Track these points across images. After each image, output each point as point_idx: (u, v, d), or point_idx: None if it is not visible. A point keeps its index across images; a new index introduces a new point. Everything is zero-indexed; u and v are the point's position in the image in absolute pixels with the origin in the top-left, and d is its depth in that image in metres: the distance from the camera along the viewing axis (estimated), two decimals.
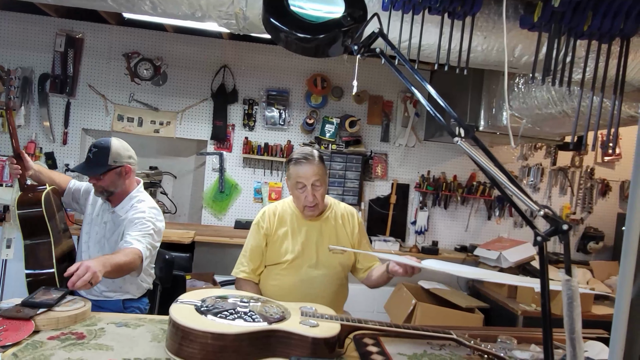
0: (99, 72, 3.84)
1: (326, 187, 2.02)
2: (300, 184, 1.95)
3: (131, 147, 2.19)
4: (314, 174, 1.93)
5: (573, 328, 0.80)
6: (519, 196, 0.85)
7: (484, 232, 4.36)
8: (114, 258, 1.73)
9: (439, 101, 0.99)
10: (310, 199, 1.95)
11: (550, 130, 2.98)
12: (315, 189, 1.95)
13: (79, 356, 1.28)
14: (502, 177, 0.87)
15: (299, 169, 1.95)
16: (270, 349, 1.38)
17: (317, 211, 2.01)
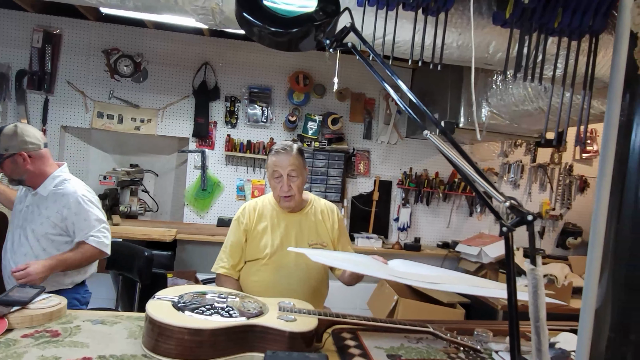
0: (78, 69, 3.78)
1: (303, 180, 2.03)
2: (276, 173, 1.98)
3: (36, 132, 2.07)
4: (290, 164, 1.96)
5: (538, 316, 0.82)
6: (487, 188, 0.87)
7: (465, 229, 4.42)
8: (65, 259, 1.93)
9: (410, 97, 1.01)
10: (285, 189, 1.97)
11: (528, 127, 3.03)
12: (291, 179, 1.97)
13: (52, 354, 1.26)
14: (471, 170, 0.89)
15: (276, 158, 1.99)
16: (248, 343, 1.38)
17: (293, 202, 2.02)
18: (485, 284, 1.70)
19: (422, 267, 1.89)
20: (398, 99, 1.03)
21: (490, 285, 1.70)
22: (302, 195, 2.07)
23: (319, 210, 2.13)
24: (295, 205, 2.05)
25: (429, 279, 1.59)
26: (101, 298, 3.79)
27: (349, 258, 1.79)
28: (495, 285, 1.71)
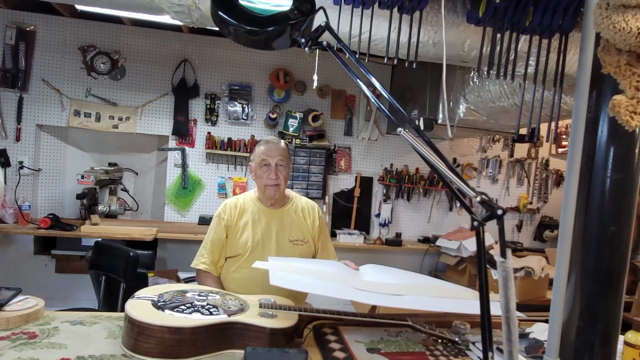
0: (53, 66, 3.71)
1: (288, 172, 2.07)
2: (265, 162, 2.01)
3: None
4: (279, 153, 2.01)
5: (508, 307, 0.85)
6: (459, 184, 0.90)
7: (445, 223, 4.48)
8: None
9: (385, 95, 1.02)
10: (272, 177, 1.99)
11: (505, 123, 3.09)
12: (278, 168, 2.00)
13: (30, 356, 1.25)
14: (443, 166, 0.91)
15: (265, 147, 2.03)
16: (228, 341, 1.39)
17: (278, 192, 2.04)
18: (460, 293, 1.70)
19: (394, 274, 1.89)
20: (372, 96, 1.05)
21: (464, 294, 1.70)
22: (285, 187, 2.10)
23: (300, 207, 2.14)
24: (279, 197, 2.07)
25: (396, 290, 1.60)
26: (82, 299, 3.75)
27: (318, 270, 1.74)
28: (470, 294, 1.72)
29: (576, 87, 1.09)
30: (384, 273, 1.89)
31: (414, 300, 1.50)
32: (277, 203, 2.09)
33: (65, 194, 4.00)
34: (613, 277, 1.20)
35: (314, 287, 1.49)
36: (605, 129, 1.17)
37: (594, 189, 1.19)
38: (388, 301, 1.45)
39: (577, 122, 1.11)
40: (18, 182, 3.63)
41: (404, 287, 1.65)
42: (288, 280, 1.49)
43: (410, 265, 4.22)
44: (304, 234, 2.10)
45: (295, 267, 1.67)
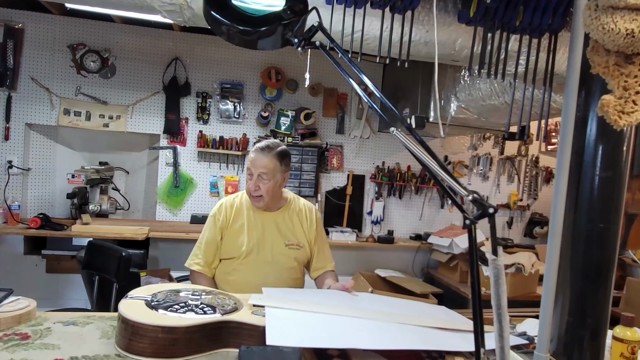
0: (42, 65, 3.67)
1: (276, 183, 1.99)
2: (249, 170, 1.99)
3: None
4: (263, 165, 1.94)
5: (499, 303, 0.86)
6: (451, 183, 0.91)
7: (437, 221, 4.51)
8: None
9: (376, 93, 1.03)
10: (252, 188, 1.97)
11: (496, 121, 3.12)
12: (260, 179, 1.96)
13: (22, 357, 1.24)
14: (436, 165, 0.92)
15: (253, 156, 1.99)
16: (222, 339, 1.39)
17: (262, 203, 2.01)
18: (457, 324, 1.64)
19: (390, 302, 1.80)
20: (364, 95, 1.06)
21: (458, 324, 1.67)
22: (274, 197, 2.03)
23: (297, 209, 2.12)
24: (265, 206, 2.03)
25: (397, 319, 1.53)
26: (73, 299, 3.72)
27: (314, 302, 1.63)
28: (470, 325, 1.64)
29: (566, 87, 1.11)
30: (381, 302, 1.85)
31: (419, 339, 1.43)
32: (273, 206, 2.06)
33: (55, 194, 3.96)
34: (602, 273, 1.22)
35: (319, 341, 1.31)
36: (594, 127, 1.19)
37: (583, 186, 1.21)
38: (393, 344, 1.37)
39: (566, 121, 1.13)
40: (7, 182, 3.59)
41: (404, 317, 1.61)
42: (288, 336, 1.30)
43: (403, 262, 4.25)
44: (300, 238, 2.08)
45: (291, 302, 1.57)
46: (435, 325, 1.56)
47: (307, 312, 1.50)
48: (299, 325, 1.39)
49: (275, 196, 2.04)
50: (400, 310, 1.71)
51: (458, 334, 1.54)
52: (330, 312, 1.54)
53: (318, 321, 1.45)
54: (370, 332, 1.43)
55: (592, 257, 1.22)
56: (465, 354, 1.42)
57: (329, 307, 1.61)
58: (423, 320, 1.58)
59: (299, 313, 1.48)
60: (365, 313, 1.57)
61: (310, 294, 1.85)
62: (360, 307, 1.68)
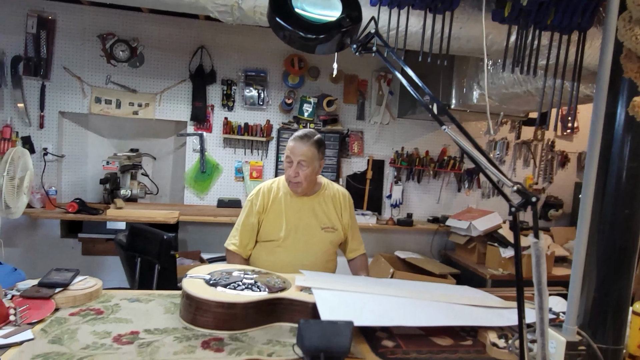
0: (73, 54, 3.80)
1: (314, 170, 2.11)
2: (288, 158, 2.10)
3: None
4: (302, 153, 2.06)
5: (540, 280, 0.99)
6: (497, 175, 1.02)
7: (454, 204, 4.62)
8: None
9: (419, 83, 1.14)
10: (292, 174, 2.08)
11: (516, 108, 3.20)
12: (300, 167, 2.07)
13: (103, 329, 1.40)
14: (483, 159, 1.04)
15: (293, 144, 2.09)
16: (275, 314, 1.54)
17: (301, 189, 2.12)
18: (487, 302, 1.73)
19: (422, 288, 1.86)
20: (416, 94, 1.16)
21: (487, 302, 1.74)
22: (311, 183, 2.14)
23: (331, 194, 2.23)
24: (303, 191, 2.15)
25: (430, 297, 1.65)
26: (107, 279, 3.90)
27: (355, 284, 1.74)
28: (497, 302, 1.75)
29: (597, 86, 1.21)
30: (412, 285, 1.95)
31: (455, 316, 1.53)
32: (309, 191, 2.17)
33: (87, 179, 4.13)
34: (626, 255, 1.34)
35: (366, 319, 1.41)
36: (621, 122, 1.29)
37: (611, 176, 1.32)
38: (433, 321, 1.47)
39: (596, 117, 1.24)
40: (44, 169, 3.75)
41: (439, 296, 1.71)
42: (338, 313, 1.41)
43: (421, 244, 4.38)
44: (334, 221, 2.19)
45: (334, 284, 1.66)
46: (468, 303, 1.69)
47: (351, 293, 1.63)
48: (345, 305, 1.53)
49: (312, 182, 2.16)
50: (432, 291, 1.84)
51: (489, 310, 1.67)
52: (372, 292, 1.68)
53: (362, 301, 1.58)
54: (411, 310, 1.56)
55: (617, 240, 1.34)
56: (496, 329, 1.55)
57: (369, 288, 1.75)
58: (456, 299, 1.72)
59: (344, 293, 1.61)
60: (404, 293, 1.71)
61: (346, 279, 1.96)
62: (395, 288, 1.82)
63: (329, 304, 1.47)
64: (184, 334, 1.40)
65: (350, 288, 1.68)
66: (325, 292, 1.58)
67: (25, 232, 3.76)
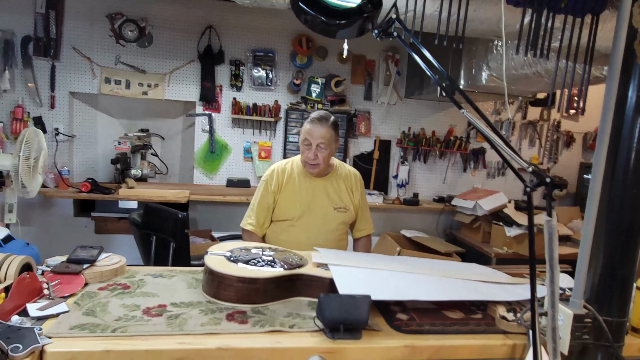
0: (82, 34, 3.81)
1: (331, 152, 2.15)
2: (307, 141, 2.11)
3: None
4: (321, 136, 2.09)
5: (552, 255, 1.04)
6: (513, 156, 1.07)
7: (460, 184, 4.68)
8: None
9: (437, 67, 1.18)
10: (311, 157, 2.11)
11: (524, 89, 3.22)
12: (319, 149, 2.10)
13: (132, 302, 1.47)
14: (500, 141, 1.09)
15: (311, 127, 2.11)
16: (294, 289, 1.61)
17: (317, 170, 2.16)
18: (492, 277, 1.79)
19: (433, 265, 1.92)
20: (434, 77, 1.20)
21: (496, 278, 1.80)
22: (327, 164, 2.19)
23: (343, 175, 2.27)
24: (319, 173, 2.19)
25: (443, 274, 1.72)
26: None
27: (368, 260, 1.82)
28: (505, 278, 1.81)
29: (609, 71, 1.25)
30: (422, 262, 2.00)
31: (466, 291, 1.60)
32: (322, 172, 2.21)
33: (97, 159, 4.19)
34: (632, 233, 1.40)
35: (381, 293, 1.48)
36: (632, 105, 1.33)
37: (620, 157, 1.37)
38: (445, 295, 1.54)
39: (608, 99, 1.28)
40: (56, 149, 3.81)
41: (450, 272, 1.77)
42: (355, 288, 1.46)
43: (427, 224, 4.46)
44: (346, 201, 2.24)
45: (349, 261, 1.74)
46: (478, 279, 1.76)
47: (366, 269, 1.70)
48: (361, 280, 1.59)
49: (328, 163, 2.20)
50: (443, 268, 1.91)
51: (497, 286, 1.74)
52: (386, 269, 1.75)
53: (377, 277, 1.65)
54: (424, 285, 1.63)
55: (625, 219, 1.39)
56: (504, 303, 1.62)
57: (383, 264, 1.82)
58: (467, 275, 1.79)
59: (359, 269, 1.68)
60: (416, 269, 1.77)
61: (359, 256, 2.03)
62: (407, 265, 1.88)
63: (345, 279, 1.54)
64: (208, 307, 1.48)
65: (364, 264, 1.75)
66: (341, 269, 1.65)
67: (40, 211, 3.84)
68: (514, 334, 1.45)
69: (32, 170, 3.07)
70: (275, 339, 1.30)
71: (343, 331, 1.32)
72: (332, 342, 1.30)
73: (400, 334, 1.40)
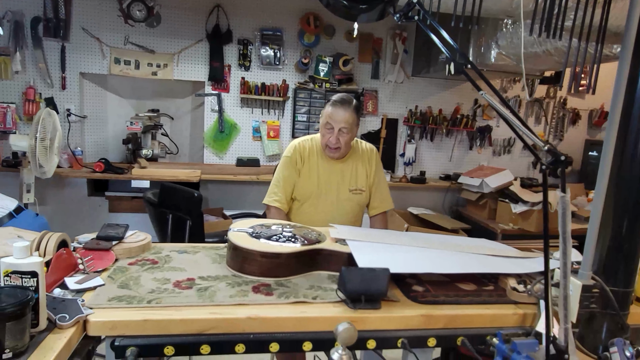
0: (91, 15, 3.81)
1: (353, 136, 2.14)
2: (329, 125, 2.09)
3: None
4: (344, 120, 2.06)
5: (565, 229, 1.11)
6: (530, 136, 1.13)
7: (466, 161, 4.73)
8: None
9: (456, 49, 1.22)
10: (333, 141, 2.09)
11: (533, 67, 3.24)
12: (341, 133, 2.08)
13: (161, 276, 1.55)
14: (517, 121, 1.14)
15: (333, 111, 2.08)
16: (314, 264, 1.69)
17: (338, 154, 2.15)
18: (503, 251, 1.86)
19: (445, 240, 1.98)
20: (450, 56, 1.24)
21: (506, 252, 1.87)
22: (348, 148, 2.17)
23: (359, 153, 2.26)
24: (340, 157, 2.18)
25: (455, 248, 1.79)
26: None
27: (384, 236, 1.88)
28: (515, 252, 1.87)
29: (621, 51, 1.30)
30: (435, 238, 2.04)
31: (479, 264, 1.66)
32: (342, 156, 2.20)
33: (108, 139, 4.24)
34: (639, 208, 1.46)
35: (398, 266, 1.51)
36: None
37: (630, 134, 1.42)
38: (460, 269, 1.60)
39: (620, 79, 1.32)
40: (69, 129, 3.86)
41: (463, 247, 1.84)
42: (373, 262, 1.50)
43: (433, 201, 4.53)
44: (362, 182, 2.24)
45: (366, 236, 1.80)
46: (489, 253, 1.84)
47: (382, 244, 1.78)
48: (378, 254, 1.67)
49: (349, 147, 2.19)
50: (455, 242, 1.98)
51: (508, 260, 1.82)
52: (401, 244, 1.82)
53: (393, 251, 1.73)
54: (438, 259, 1.70)
55: (632, 195, 1.45)
56: (515, 275, 1.70)
57: (397, 240, 1.89)
58: (478, 249, 1.86)
59: (375, 244, 1.75)
60: (429, 244, 1.85)
61: (373, 232, 2.11)
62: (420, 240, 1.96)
63: (364, 254, 1.61)
64: (234, 280, 1.55)
65: (379, 240, 1.82)
66: (359, 243, 1.72)
67: (55, 191, 3.91)
68: (524, 304, 1.53)
69: (48, 150, 3.14)
70: (300, 309, 1.38)
71: (364, 302, 1.40)
72: (353, 311, 1.38)
73: (416, 304, 1.47)
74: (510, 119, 1.15)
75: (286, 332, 1.32)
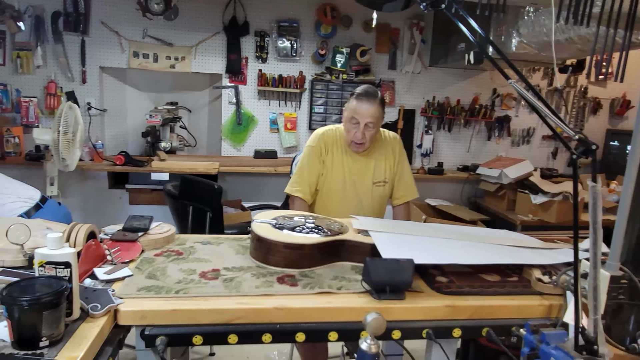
0: (110, 9, 3.85)
1: (378, 130, 2.10)
2: (354, 120, 2.04)
3: None
4: (370, 115, 2.01)
5: (595, 219, 1.10)
6: (560, 125, 1.11)
7: (484, 152, 4.68)
8: None
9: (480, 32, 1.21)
10: (359, 137, 2.05)
11: (555, 55, 3.18)
12: (367, 128, 2.04)
13: (188, 267, 1.57)
14: (548, 111, 1.12)
15: (359, 105, 2.03)
16: (338, 255, 1.70)
17: (363, 149, 2.12)
18: (526, 242, 1.84)
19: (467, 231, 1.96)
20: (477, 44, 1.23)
21: (529, 243, 1.85)
22: (373, 142, 2.12)
23: (383, 143, 2.22)
24: (364, 151, 2.16)
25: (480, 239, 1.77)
26: None
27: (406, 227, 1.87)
28: (538, 243, 1.86)
29: None
30: (456, 229, 2.03)
31: (503, 255, 1.65)
32: (366, 149, 2.17)
33: (128, 132, 4.30)
34: None
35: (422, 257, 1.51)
36: None
37: None
38: (484, 260, 1.58)
39: None
40: (90, 123, 3.91)
41: (486, 237, 1.83)
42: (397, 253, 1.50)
43: (451, 192, 4.50)
44: (386, 174, 2.22)
45: (388, 227, 1.79)
46: (512, 244, 1.83)
47: (405, 235, 1.77)
48: (401, 245, 1.67)
49: (374, 141, 2.16)
50: (478, 233, 1.97)
51: (531, 250, 1.80)
52: (423, 234, 1.82)
53: (416, 242, 1.72)
54: (462, 250, 1.70)
55: None
56: (539, 266, 1.68)
57: (420, 231, 1.89)
58: (501, 240, 1.85)
59: (398, 235, 1.75)
60: (451, 235, 1.84)
61: (395, 223, 2.10)
62: (442, 231, 1.95)
63: (387, 245, 1.61)
64: (258, 271, 1.57)
65: (401, 231, 1.82)
66: (382, 234, 1.72)
67: (76, 184, 3.98)
68: (550, 295, 1.51)
69: (70, 144, 3.19)
70: (326, 299, 1.39)
71: (389, 292, 1.40)
72: (378, 302, 1.39)
73: (441, 295, 1.47)
74: (540, 108, 1.14)
75: (312, 322, 1.33)
